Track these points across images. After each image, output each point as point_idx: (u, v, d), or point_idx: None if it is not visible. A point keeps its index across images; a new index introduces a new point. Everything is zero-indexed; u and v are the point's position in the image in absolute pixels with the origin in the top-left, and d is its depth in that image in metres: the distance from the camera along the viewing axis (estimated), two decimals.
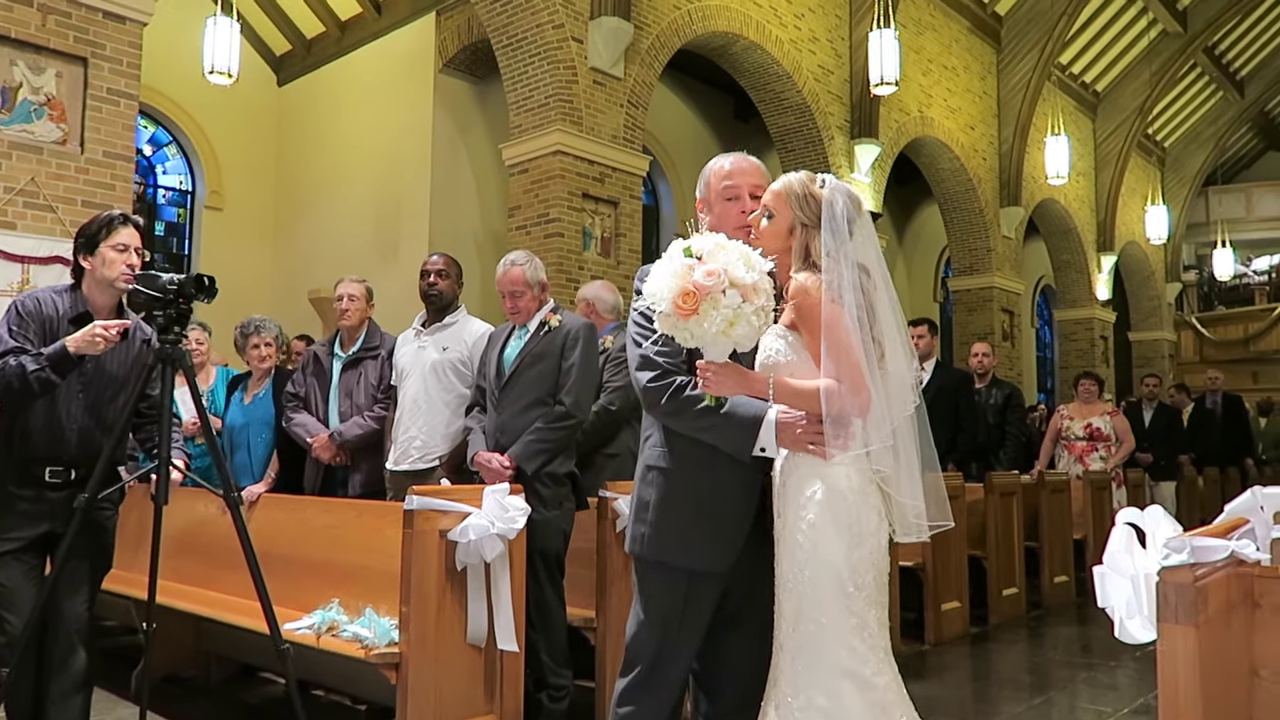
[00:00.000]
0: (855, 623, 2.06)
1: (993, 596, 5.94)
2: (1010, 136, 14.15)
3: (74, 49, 6.23)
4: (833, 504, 2.08)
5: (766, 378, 2.09)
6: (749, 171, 2.37)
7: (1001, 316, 14.08)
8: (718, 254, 1.95)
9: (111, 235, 2.90)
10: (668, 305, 1.95)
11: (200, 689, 4.27)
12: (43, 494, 2.83)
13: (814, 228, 2.14)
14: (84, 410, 2.86)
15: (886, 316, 2.17)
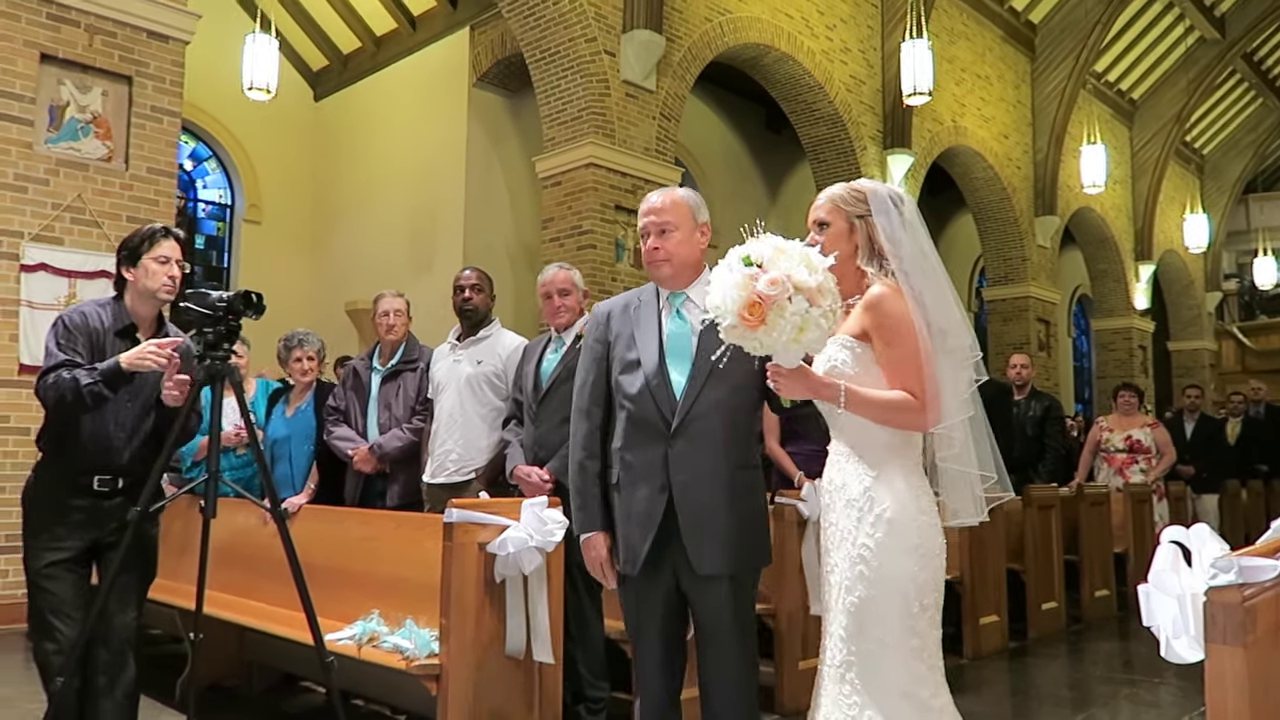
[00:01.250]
0: (917, 644, 2.06)
1: (1032, 611, 5.87)
2: (1045, 145, 14.03)
3: (119, 68, 6.38)
4: (902, 523, 2.08)
5: (838, 385, 2.08)
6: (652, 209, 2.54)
7: (1037, 326, 13.94)
8: (779, 260, 1.92)
9: (153, 248, 2.96)
10: (733, 318, 1.92)
11: (242, 698, 4.32)
12: (92, 503, 2.88)
13: (869, 216, 2.20)
14: (132, 420, 2.92)
15: (944, 292, 2.19)
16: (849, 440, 2.19)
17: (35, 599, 2.83)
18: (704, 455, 2.36)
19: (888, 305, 2.12)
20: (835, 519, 2.16)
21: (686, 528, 2.35)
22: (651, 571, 2.43)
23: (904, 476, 2.13)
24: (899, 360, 2.10)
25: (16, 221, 5.93)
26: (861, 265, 2.20)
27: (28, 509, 2.92)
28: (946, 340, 2.14)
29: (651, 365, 2.44)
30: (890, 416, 2.10)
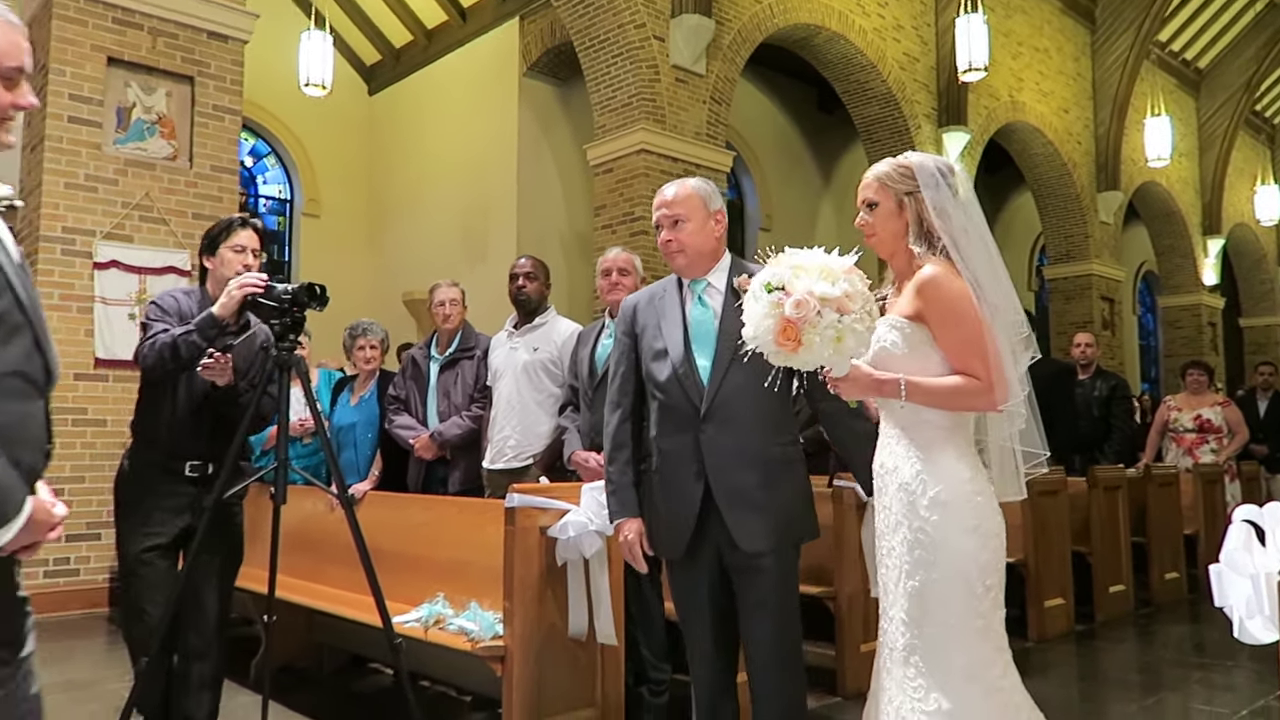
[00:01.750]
0: (981, 625, 2.04)
1: (1098, 593, 5.76)
2: (1107, 119, 13.66)
3: (182, 69, 6.55)
4: (959, 504, 2.08)
5: (898, 380, 2.08)
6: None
7: (1101, 305, 13.61)
8: (797, 280, 1.94)
9: (230, 237, 3.05)
10: (771, 346, 1.96)
11: (313, 679, 4.44)
12: (184, 488, 2.97)
13: (917, 192, 2.18)
14: (219, 404, 3.00)
15: (996, 267, 2.17)
16: (900, 422, 2.17)
17: (130, 583, 2.92)
18: (735, 437, 2.41)
19: (943, 286, 2.09)
20: (889, 502, 2.16)
21: (725, 508, 2.41)
22: (695, 554, 2.49)
23: (957, 457, 2.11)
24: (960, 341, 2.08)
25: (89, 220, 6.13)
26: (912, 246, 2.18)
27: (122, 494, 2.99)
28: (998, 316, 2.12)
29: (678, 353, 2.50)
30: (956, 401, 2.09)
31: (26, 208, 6.35)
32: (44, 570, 5.84)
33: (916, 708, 2.03)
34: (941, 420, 2.12)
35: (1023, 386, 2.14)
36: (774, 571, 2.42)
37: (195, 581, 2.88)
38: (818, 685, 4.10)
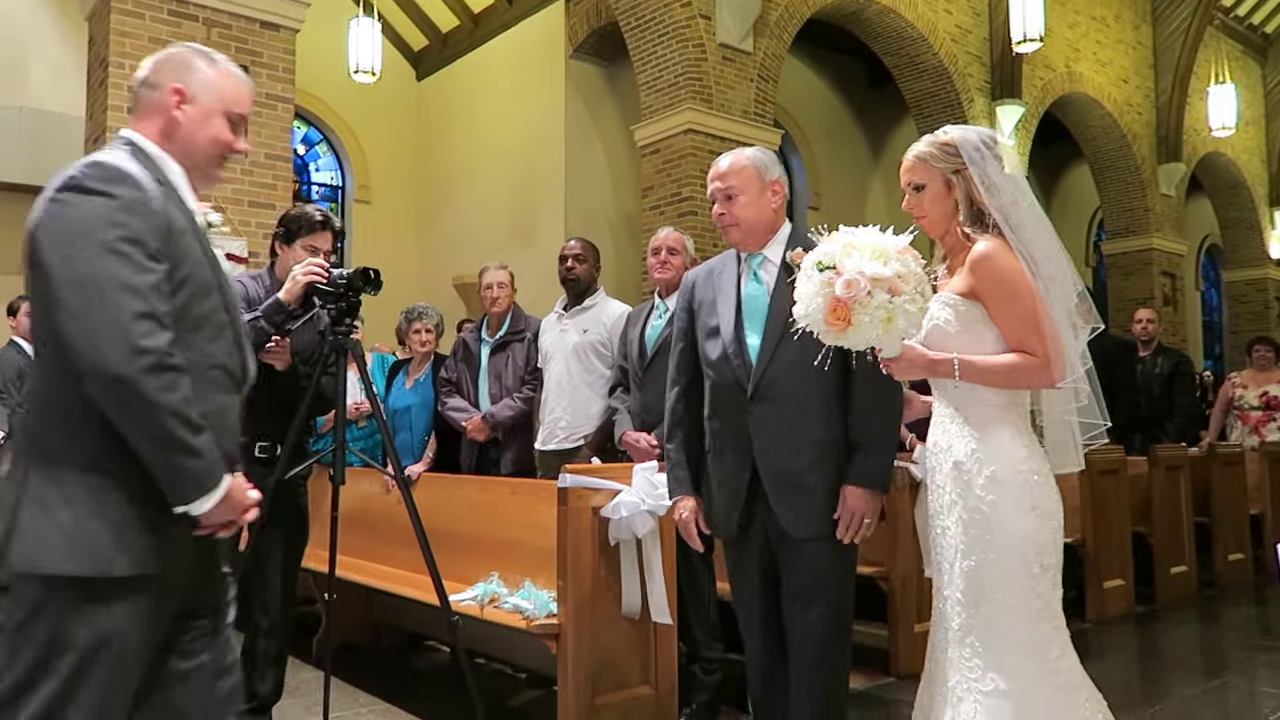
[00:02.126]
0: (1040, 605, 2.02)
1: (1160, 574, 5.65)
2: (1168, 88, 13.25)
3: (235, 59, 6.52)
4: (1015, 483, 2.05)
5: (952, 360, 2.06)
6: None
7: (1162, 280, 13.25)
8: (849, 259, 1.92)
9: (310, 235, 3.09)
10: (821, 325, 1.94)
11: (372, 656, 4.54)
12: (253, 469, 3.03)
13: (964, 169, 2.13)
14: (282, 386, 3.07)
15: (1048, 238, 2.14)
16: (953, 401, 2.15)
17: None
18: (785, 418, 2.35)
19: (997, 262, 2.05)
20: (943, 481, 2.13)
21: (772, 491, 2.36)
22: (744, 535, 2.46)
23: (1012, 435, 2.09)
24: (1015, 318, 2.04)
25: None
26: (964, 228, 2.13)
27: None
28: (1053, 289, 2.08)
29: (729, 331, 2.45)
30: (1013, 379, 2.06)
31: None
32: None
33: (973, 688, 2.01)
34: (996, 398, 2.09)
35: (1083, 361, 2.10)
36: (821, 559, 2.35)
37: (260, 561, 2.95)
38: (871, 665, 4.09)
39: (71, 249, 1.54)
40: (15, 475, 1.61)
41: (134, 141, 1.75)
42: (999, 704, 1.98)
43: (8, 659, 1.53)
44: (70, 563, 1.52)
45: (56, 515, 1.53)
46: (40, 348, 1.67)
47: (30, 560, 1.53)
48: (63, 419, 1.60)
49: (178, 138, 1.77)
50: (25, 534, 1.54)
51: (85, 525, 1.54)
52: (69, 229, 1.56)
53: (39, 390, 1.67)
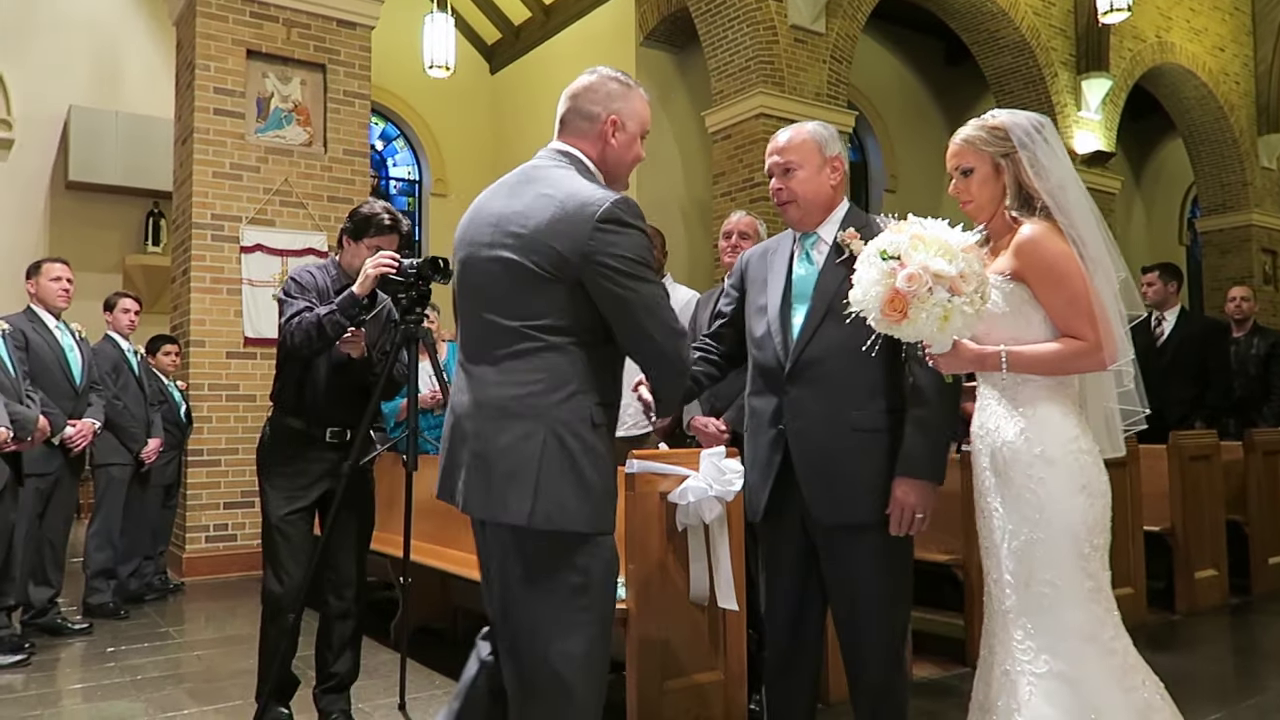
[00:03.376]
0: (1092, 585, 1.99)
1: (1256, 565, 5.41)
2: (1269, 55, 12.62)
3: (314, 58, 6.83)
4: (1066, 462, 2.02)
5: (999, 354, 2.03)
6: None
7: (1262, 258, 12.65)
8: (914, 251, 1.88)
9: (377, 236, 3.15)
10: (876, 313, 1.91)
11: (448, 639, 4.64)
12: (325, 454, 3.13)
13: (1014, 153, 2.10)
14: (356, 374, 3.15)
15: (1092, 223, 2.10)
16: (1000, 384, 2.11)
17: (273, 545, 3.09)
18: (823, 400, 2.26)
19: (1045, 245, 2.02)
20: (988, 463, 2.10)
21: (804, 475, 2.28)
22: (778, 520, 2.39)
23: (1062, 415, 2.05)
24: (1064, 302, 2.01)
25: (235, 207, 6.49)
26: (1012, 213, 2.10)
27: (266, 461, 3.15)
28: (1098, 271, 2.04)
29: (775, 309, 2.38)
30: (1064, 365, 2.03)
31: (179, 197, 6.78)
32: (205, 536, 6.28)
33: (1027, 670, 1.98)
34: (1045, 378, 2.06)
35: (1130, 348, 2.06)
36: (864, 548, 2.26)
37: (334, 546, 3.03)
38: (945, 655, 4.03)
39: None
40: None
41: (581, 161, 2.06)
42: (1055, 686, 1.95)
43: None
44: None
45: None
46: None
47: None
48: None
49: (609, 160, 2.08)
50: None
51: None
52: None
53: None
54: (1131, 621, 4.46)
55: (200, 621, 5.23)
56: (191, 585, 6.00)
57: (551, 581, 1.90)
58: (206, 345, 6.38)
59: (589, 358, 1.91)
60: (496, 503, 1.89)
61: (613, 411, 1.98)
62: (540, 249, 1.89)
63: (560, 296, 1.89)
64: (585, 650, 1.90)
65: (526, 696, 1.93)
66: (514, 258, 1.92)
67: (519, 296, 1.92)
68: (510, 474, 1.87)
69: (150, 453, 5.31)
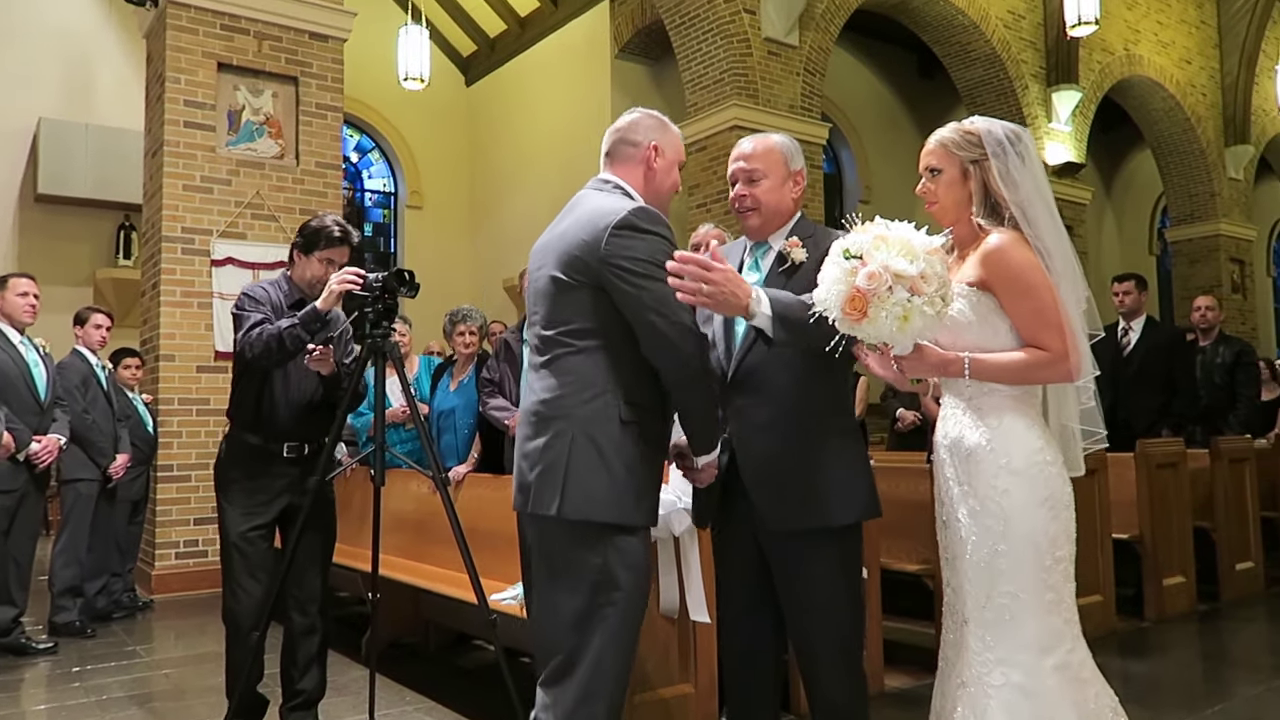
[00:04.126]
0: (1052, 597, 2.00)
1: (1224, 571, 5.47)
2: (1234, 68, 12.84)
3: (286, 70, 6.80)
4: (1030, 474, 2.03)
5: (961, 359, 2.04)
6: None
7: (1230, 267, 12.84)
8: (876, 251, 1.88)
9: (328, 249, 3.14)
10: (837, 312, 1.91)
11: (421, 655, 4.61)
12: (283, 469, 3.12)
13: (984, 160, 2.10)
14: (313, 390, 3.15)
15: (1061, 237, 2.10)
16: (965, 393, 2.12)
17: (230, 561, 3.08)
18: (764, 407, 2.25)
19: (1012, 254, 2.02)
20: (952, 473, 2.11)
21: (750, 483, 2.27)
22: (727, 527, 2.39)
23: (1027, 426, 2.06)
24: (1030, 312, 2.01)
25: (206, 220, 6.45)
26: (977, 219, 2.10)
27: (224, 477, 3.15)
28: (1063, 286, 2.05)
29: (719, 317, 2.37)
30: (1027, 375, 2.03)
31: (149, 210, 6.72)
32: (175, 552, 6.21)
33: (985, 682, 1.99)
34: (1010, 389, 2.07)
35: (1094, 367, 2.07)
36: (812, 555, 2.23)
37: (296, 560, 3.01)
38: (917, 664, 4.04)
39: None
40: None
41: (623, 187, 2.22)
42: (1012, 698, 1.96)
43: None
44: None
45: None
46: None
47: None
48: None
49: (651, 185, 2.26)
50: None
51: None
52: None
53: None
54: (1101, 629, 4.55)
55: (169, 639, 5.17)
56: (161, 602, 5.93)
57: (574, 574, 2.02)
58: (177, 359, 6.33)
59: (614, 359, 2.06)
60: (533, 498, 2.06)
61: (645, 412, 2.08)
62: (569, 259, 2.08)
63: (585, 301, 2.06)
64: (602, 648, 1.99)
65: (552, 692, 2.03)
66: (553, 273, 2.11)
67: (554, 307, 2.11)
68: (544, 471, 2.04)
69: (118, 468, 5.26)
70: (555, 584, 2.06)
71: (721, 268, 2.02)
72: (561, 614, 2.04)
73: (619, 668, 2.03)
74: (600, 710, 2.00)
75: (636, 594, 2.07)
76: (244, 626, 3.01)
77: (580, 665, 2.00)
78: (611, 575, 2.02)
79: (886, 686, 3.82)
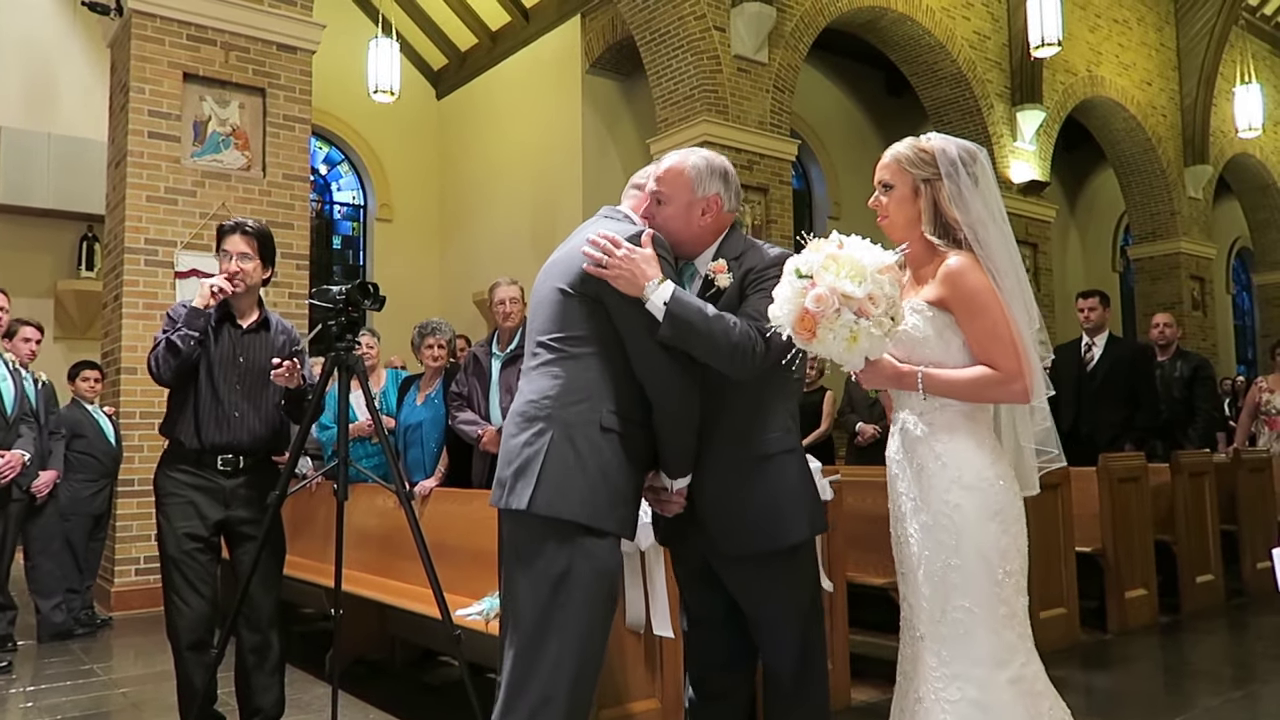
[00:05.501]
0: (1005, 611, 2.01)
1: (1185, 584, 5.54)
2: (1194, 89, 13.11)
3: (253, 81, 6.75)
4: (981, 489, 2.05)
5: (915, 373, 2.06)
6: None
7: (1190, 284, 13.07)
8: (824, 273, 1.90)
9: (220, 242, 3.19)
10: (790, 330, 1.94)
11: (386, 671, 4.55)
12: (217, 483, 3.10)
13: (936, 179, 2.11)
14: (243, 400, 3.13)
15: (1013, 258, 2.13)
16: (918, 408, 2.14)
17: (170, 576, 3.04)
18: (703, 430, 2.20)
19: (969, 278, 2.04)
20: (906, 488, 2.13)
21: (694, 504, 2.24)
22: (681, 547, 2.40)
23: (978, 443, 2.08)
24: (983, 331, 2.04)
25: (170, 231, 6.37)
26: (927, 235, 2.12)
27: (159, 491, 3.13)
28: (1015, 308, 2.08)
29: None
30: (979, 393, 2.06)
31: (112, 221, 6.63)
32: (135, 569, 6.10)
33: (940, 696, 2.00)
34: (961, 405, 2.09)
35: (1048, 388, 2.10)
36: (766, 575, 2.21)
37: (248, 578, 2.99)
38: (884, 678, 4.05)
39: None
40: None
41: (629, 214, 2.32)
42: (967, 712, 1.97)
43: None
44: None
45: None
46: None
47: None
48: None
49: (656, 222, 2.27)
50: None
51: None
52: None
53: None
54: (1065, 641, 4.59)
55: (128, 657, 5.07)
56: (121, 619, 5.81)
57: (537, 570, 2.04)
58: (139, 373, 6.22)
59: (605, 369, 2.10)
60: (508, 492, 2.09)
61: (629, 424, 2.11)
62: (569, 272, 2.15)
63: (584, 312, 2.12)
64: (561, 651, 2.01)
65: (507, 694, 2.04)
66: (558, 285, 2.18)
67: (553, 315, 2.17)
68: (521, 468, 2.07)
69: (41, 486, 5.12)
70: (520, 580, 2.08)
71: (628, 248, 2.07)
72: (523, 611, 2.05)
73: (579, 672, 2.03)
74: (559, 711, 1.99)
75: (599, 600, 2.07)
76: (186, 641, 2.98)
77: (539, 667, 2.01)
78: (574, 576, 2.02)
79: (853, 700, 3.83)
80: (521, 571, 2.08)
